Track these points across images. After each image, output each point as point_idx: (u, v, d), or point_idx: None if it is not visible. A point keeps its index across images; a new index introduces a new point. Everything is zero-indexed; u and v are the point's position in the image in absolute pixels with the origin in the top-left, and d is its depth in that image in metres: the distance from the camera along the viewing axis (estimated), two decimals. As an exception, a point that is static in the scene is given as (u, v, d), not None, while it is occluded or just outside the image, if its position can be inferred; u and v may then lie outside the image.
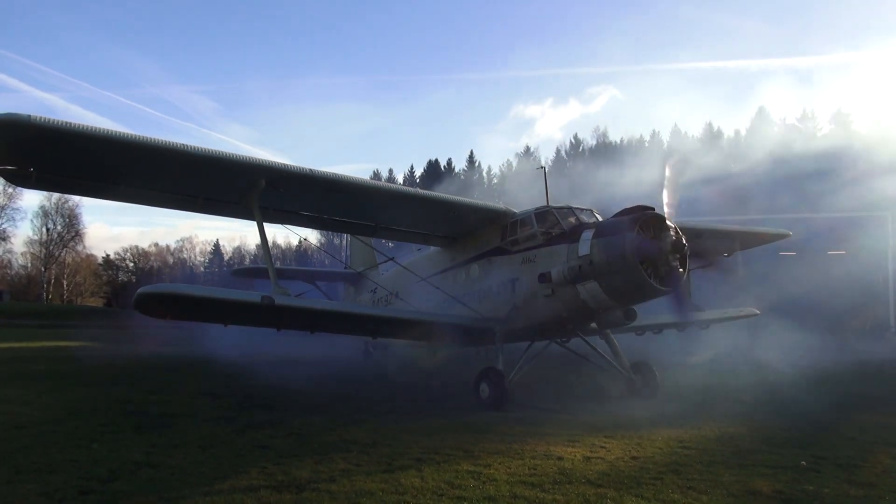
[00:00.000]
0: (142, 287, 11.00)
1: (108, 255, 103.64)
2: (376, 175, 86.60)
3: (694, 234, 13.43)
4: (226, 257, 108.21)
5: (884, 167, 32.99)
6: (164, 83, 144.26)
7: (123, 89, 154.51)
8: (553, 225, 13.16)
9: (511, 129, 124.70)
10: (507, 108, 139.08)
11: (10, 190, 75.10)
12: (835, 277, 30.13)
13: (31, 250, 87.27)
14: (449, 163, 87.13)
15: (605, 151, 72.16)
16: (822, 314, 28.40)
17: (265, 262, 13.00)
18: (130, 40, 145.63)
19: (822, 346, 26.70)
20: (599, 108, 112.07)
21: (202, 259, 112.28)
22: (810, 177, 33.77)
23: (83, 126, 9.88)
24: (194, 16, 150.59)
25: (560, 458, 8.13)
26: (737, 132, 72.60)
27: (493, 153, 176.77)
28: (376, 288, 18.84)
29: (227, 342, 22.75)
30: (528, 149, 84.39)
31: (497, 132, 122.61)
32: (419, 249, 17.52)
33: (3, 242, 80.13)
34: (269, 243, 13.15)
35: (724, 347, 23.41)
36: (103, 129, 10.09)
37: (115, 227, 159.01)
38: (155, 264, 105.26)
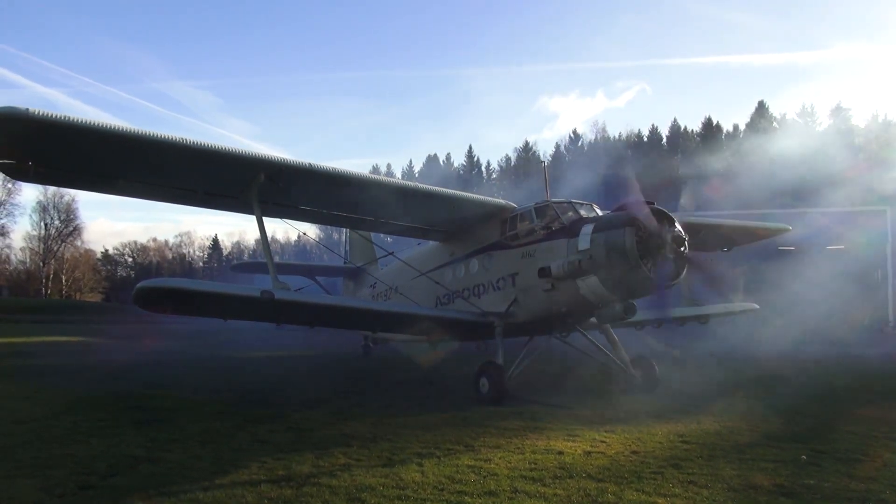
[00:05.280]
0: (141, 282, 10.98)
1: (106, 251, 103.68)
2: (375, 170, 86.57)
3: (694, 228, 13.39)
4: (225, 252, 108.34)
5: (883, 162, 33.02)
6: (165, 79, 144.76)
7: (126, 84, 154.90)
8: (553, 219, 13.12)
9: (526, 125, 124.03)
10: (511, 103, 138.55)
11: (10, 185, 75.07)
12: (834, 272, 30.16)
13: (30, 245, 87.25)
14: (448, 158, 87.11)
15: (605, 146, 72.14)
16: (822, 309, 28.42)
17: (265, 257, 12.96)
18: (133, 36, 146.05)
19: (821, 340, 26.76)
20: (624, 103, 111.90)
21: (201, 254, 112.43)
22: (809, 171, 33.78)
23: (81, 120, 9.82)
24: (196, 11, 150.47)
25: (560, 453, 8.12)
26: (735, 127, 72.61)
27: (499, 149, 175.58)
28: (375, 283, 18.80)
29: (224, 338, 22.74)
30: (526, 144, 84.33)
31: (503, 128, 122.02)
32: (419, 244, 17.49)
33: (2, 238, 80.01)
34: (269, 238, 13.12)
35: (724, 342, 23.49)
36: (101, 123, 10.04)
37: (117, 223, 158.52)
38: (154, 259, 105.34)
